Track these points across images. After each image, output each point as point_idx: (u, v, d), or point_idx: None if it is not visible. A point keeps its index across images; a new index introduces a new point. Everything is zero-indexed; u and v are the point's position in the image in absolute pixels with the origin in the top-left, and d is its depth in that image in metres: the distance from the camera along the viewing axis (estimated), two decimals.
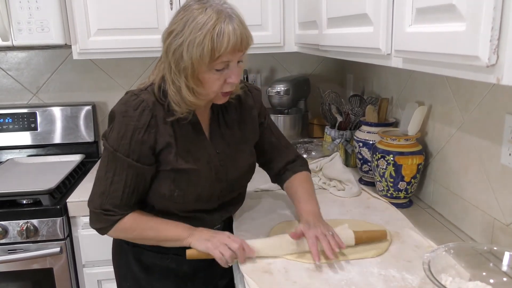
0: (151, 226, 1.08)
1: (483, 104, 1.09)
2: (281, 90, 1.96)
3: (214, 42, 0.91)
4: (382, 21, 0.91)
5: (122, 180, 1.02)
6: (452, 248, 0.90)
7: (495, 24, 0.56)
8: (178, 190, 1.06)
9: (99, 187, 1.05)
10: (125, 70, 2.17)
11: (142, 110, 1.00)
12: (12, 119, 2.06)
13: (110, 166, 1.03)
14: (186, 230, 1.08)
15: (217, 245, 1.02)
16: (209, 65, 0.95)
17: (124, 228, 1.06)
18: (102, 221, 1.05)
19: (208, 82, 0.98)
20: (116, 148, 1.01)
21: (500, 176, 1.04)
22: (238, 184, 1.20)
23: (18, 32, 1.65)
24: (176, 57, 0.95)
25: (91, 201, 1.06)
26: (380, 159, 1.35)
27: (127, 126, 1.00)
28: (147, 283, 1.18)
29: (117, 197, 1.03)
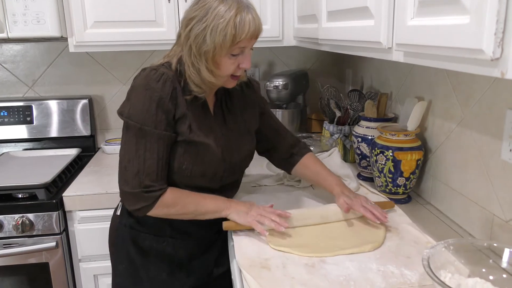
0: (191, 200, 1.11)
1: (484, 99, 1.08)
2: (279, 84, 1.95)
3: (237, 28, 1.00)
4: (383, 14, 0.89)
5: (154, 153, 1.05)
6: (451, 244, 0.90)
7: (500, 16, 0.55)
8: (186, 163, 1.10)
9: (133, 167, 1.05)
10: (122, 63, 2.15)
11: (164, 81, 1.06)
12: (7, 112, 2.04)
13: (139, 143, 1.05)
14: (223, 202, 1.14)
15: (255, 217, 1.11)
16: (228, 49, 1.03)
17: (167, 203, 1.08)
18: (144, 199, 1.06)
19: (224, 65, 1.06)
20: (143, 123, 1.04)
21: (500, 172, 1.03)
22: (238, 168, 1.26)
23: (13, 24, 1.63)
24: (198, 41, 1.03)
25: (126, 184, 1.07)
26: (379, 155, 1.35)
27: (151, 98, 1.04)
28: (142, 266, 1.19)
29: (153, 172, 1.06)
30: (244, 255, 1.05)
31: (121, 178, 1.09)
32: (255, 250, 1.07)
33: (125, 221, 1.21)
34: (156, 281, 1.19)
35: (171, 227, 1.17)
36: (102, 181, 1.69)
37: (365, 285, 0.91)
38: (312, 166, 1.34)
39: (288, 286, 0.91)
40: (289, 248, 1.06)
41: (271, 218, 1.10)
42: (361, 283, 0.92)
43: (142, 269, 1.19)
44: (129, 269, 1.21)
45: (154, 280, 1.19)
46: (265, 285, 0.92)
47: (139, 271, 1.19)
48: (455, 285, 0.81)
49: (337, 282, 0.92)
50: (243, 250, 1.07)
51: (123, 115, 1.08)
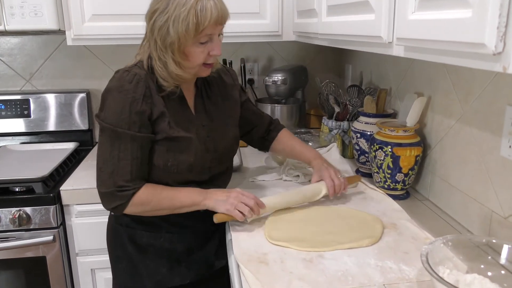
0: (166, 195, 1.11)
1: (484, 95, 1.08)
2: (278, 79, 1.94)
3: (198, 16, 0.99)
4: (384, 8, 0.89)
5: (128, 154, 1.06)
6: (450, 240, 0.90)
7: (502, 10, 0.54)
8: (171, 160, 1.11)
9: (107, 168, 1.06)
10: (120, 57, 2.13)
11: (137, 82, 1.06)
12: (4, 105, 2.02)
13: (113, 144, 1.06)
14: (199, 193, 1.13)
15: (235, 204, 1.10)
16: (194, 38, 1.02)
17: (141, 201, 1.08)
18: (117, 198, 1.07)
19: (193, 55, 1.06)
20: (116, 125, 1.05)
21: (500, 168, 1.03)
22: (226, 156, 1.26)
23: (10, 16, 1.62)
24: (162, 34, 1.02)
25: (102, 184, 1.08)
26: (378, 150, 1.34)
27: (124, 99, 1.04)
28: (141, 263, 1.19)
29: (127, 172, 1.06)
30: (242, 250, 1.05)
31: (98, 179, 1.09)
32: (253, 245, 1.07)
33: (121, 220, 1.20)
34: (157, 277, 1.19)
35: (167, 222, 1.17)
36: None
37: (363, 281, 0.91)
38: (286, 140, 1.41)
39: (286, 281, 0.91)
40: (287, 242, 1.06)
41: (245, 202, 1.10)
42: (359, 279, 0.91)
43: (142, 267, 1.19)
44: (129, 268, 1.21)
45: (155, 276, 1.19)
46: (263, 280, 0.91)
47: (138, 269, 1.19)
48: (453, 281, 0.81)
49: (335, 277, 0.92)
50: (241, 244, 1.07)
51: (99, 118, 1.08)
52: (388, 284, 0.89)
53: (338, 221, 1.17)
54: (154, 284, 1.19)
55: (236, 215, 1.09)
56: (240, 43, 2.17)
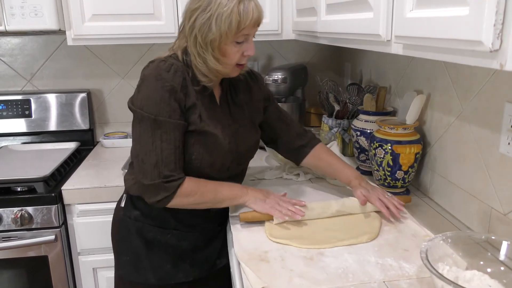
0: (209, 188, 1.13)
1: (483, 92, 1.08)
2: (278, 78, 1.94)
3: (241, 15, 1.03)
4: (382, 7, 0.89)
5: (171, 143, 1.06)
6: (449, 237, 0.90)
7: (499, 7, 0.54)
8: (196, 153, 1.12)
9: (150, 159, 1.06)
10: (121, 56, 2.14)
11: (175, 71, 1.07)
12: (5, 106, 2.03)
13: (155, 134, 1.06)
14: (240, 189, 1.17)
15: (273, 205, 1.13)
16: (233, 37, 1.05)
17: (186, 192, 1.09)
18: (164, 190, 1.07)
19: (229, 54, 1.08)
20: (157, 114, 1.05)
21: (499, 165, 1.03)
22: (244, 159, 1.27)
23: (11, 17, 1.62)
24: (204, 30, 1.04)
25: (145, 177, 1.07)
26: (378, 148, 1.35)
27: (163, 87, 1.05)
28: (146, 257, 1.20)
29: (171, 162, 1.06)
30: (243, 248, 1.05)
31: (139, 171, 1.09)
32: (253, 243, 1.07)
33: (130, 213, 1.21)
34: (160, 272, 1.20)
35: (175, 219, 1.18)
36: (101, 174, 1.69)
37: (363, 278, 0.91)
38: (324, 157, 1.34)
39: (287, 278, 0.92)
40: (288, 240, 1.06)
41: (288, 207, 1.12)
42: (359, 276, 0.92)
43: (146, 261, 1.20)
44: (133, 261, 1.21)
45: (158, 271, 1.20)
46: (264, 277, 0.92)
47: (143, 263, 1.20)
48: (453, 277, 0.82)
49: (335, 275, 0.93)
50: (241, 243, 1.08)
51: (136, 107, 1.08)
52: (388, 281, 0.90)
53: (337, 218, 1.18)
54: (157, 279, 1.20)
55: (274, 213, 1.12)
56: None
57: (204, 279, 1.25)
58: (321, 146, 1.37)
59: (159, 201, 1.08)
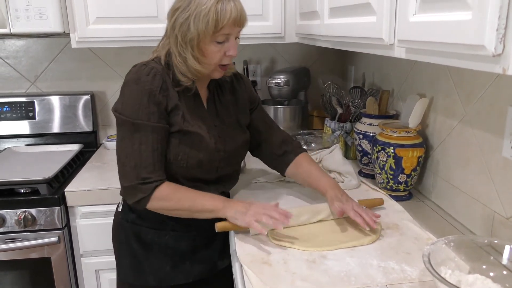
0: (188, 195, 1.11)
1: (486, 96, 1.08)
2: (281, 81, 1.95)
3: (218, 14, 1.03)
4: (386, 11, 0.89)
5: (149, 145, 1.07)
6: (452, 241, 0.90)
7: (502, 12, 0.55)
8: (182, 154, 1.12)
9: (130, 161, 1.07)
10: (124, 59, 2.15)
11: (154, 75, 1.09)
12: (10, 107, 2.04)
13: (134, 137, 1.07)
14: (221, 201, 1.12)
15: (253, 216, 1.06)
16: (212, 36, 1.06)
17: (162, 196, 1.08)
18: (140, 191, 1.07)
19: (210, 53, 1.09)
20: (135, 117, 1.07)
21: (502, 169, 1.03)
22: (234, 159, 1.26)
23: (16, 19, 1.63)
24: (183, 30, 1.06)
25: (124, 178, 1.09)
26: (380, 151, 1.35)
27: (142, 91, 1.07)
28: (145, 260, 1.21)
29: (150, 164, 1.07)
30: (245, 250, 1.05)
31: (120, 174, 1.10)
32: (256, 246, 1.07)
33: (127, 217, 1.22)
34: (160, 274, 1.20)
35: (173, 220, 1.18)
36: (104, 176, 1.70)
37: (365, 281, 0.91)
38: (305, 165, 1.29)
39: (289, 281, 0.92)
40: (290, 243, 1.06)
41: (270, 214, 1.05)
42: (361, 279, 0.92)
43: (146, 263, 1.20)
44: (133, 264, 1.22)
45: (158, 273, 1.20)
46: (266, 280, 0.92)
47: (143, 265, 1.20)
48: (456, 281, 0.82)
49: (338, 278, 0.93)
50: (244, 245, 1.08)
51: (117, 111, 1.10)
52: (391, 285, 0.90)
53: (338, 221, 1.18)
54: (157, 281, 1.20)
55: (255, 227, 1.04)
56: (243, 45, 2.17)
57: (206, 280, 1.25)
58: (304, 155, 1.33)
59: (138, 202, 1.09)
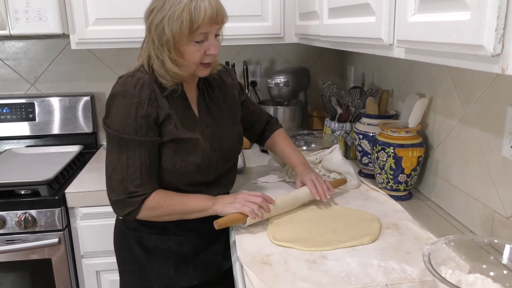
0: (176, 200, 1.12)
1: (485, 96, 1.08)
2: (280, 81, 1.95)
3: (192, 14, 1.00)
4: (385, 11, 0.89)
5: (136, 160, 1.06)
6: (452, 240, 0.90)
7: (500, 12, 0.55)
8: (179, 161, 1.12)
9: (117, 175, 1.07)
10: (124, 60, 2.15)
11: (141, 86, 1.06)
12: (9, 109, 2.04)
13: (121, 151, 1.06)
14: (209, 199, 1.14)
15: (243, 203, 1.12)
16: (188, 37, 1.03)
17: (151, 206, 1.08)
18: (129, 205, 1.07)
19: (188, 53, 1.06)
20: (122, 131, 1.05)
21: (501, 168, 1.03)
22: (231, 154, 1.27)
23: (15, 21, 1.63)
24: (158, 32, 1.04)
25: (112, 192, 1.08)
26: (380, 151, 1.35)
27: (129, 104, 1.05)
28: (149, 265, 1.20)
29: (137, 178, 1.06)
30: (246, 251, 1.05)
31: (108, 187, 1.10)
32: (256, 246, 1.07)
33: (128, 224, 1.21)
34: (164, 279, 1.20)
35: (174, 224, 1.18)
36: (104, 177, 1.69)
37: (366, 281, 0.91)
38: (279, 142, 1.43)
39: (290, 282, 0.92)
40: (291, 243, 1.06)
41: (257, 202, 1.12)
42: (362, 279, 0.92)
43: (149, 269, 1.20)
44: (136, 270, 1.21)
45: (162, 278, 1.20)
46: (267, 281, 0.92)
47: (146, 271, 1.20)
48: (456, 281, 0.82)
49: (338, 278, 0.93)
50: (244, 246, 1.08)
51: (105, 125, 1.09)
52: (391, 284, 0.90)
53: (338, 220, 1.18)
54: (161, 285, 1.20)
55: (245, 210, 1.11)
56: (243, 46, 2.18)
57: (210, 283, 1.25)
58: (279, 132, 1.47)
59: (127, 215, 1.09)
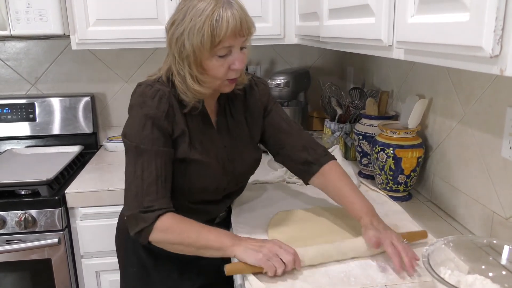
0: (192, 228, 0.99)
1: (484, 97, 1.09)
2: (281, 82, 1.95)
3: (214, 27, 0.92)
4: (384, 12, 0.90)
5: (153, 172, 0.99)
6: (451, 241, 0.90)
7: (499, 14, 0.55)
8: (187, 182, 1.06)
9: (132, 190, 0.99)
10: (124, 61, 2.16)
11: (160, 98, 1.00)
12: (10, 109, 2.04)
13: (137, 163, 0.99)
14: (229, 237, 0.99)
15: (270, 257, 0.93)
16: (211, 51, 0.95)
17: (164, 227, 0.97)
18: (142, 220, 0.97)
19: (212, 69, 0.99)
20: (139, 142, 0.99)
21: (501, 169, 1.03)
22: (243, 177, 1.21)
23: (16, 21, 1.64)
24: (178, 46, 0.97)
25: (127, 207, 1.00)
26: (380, 152, 1.35)
27: (146, 115, 0.99)
28: (153, 268, 1.20)
29: (152, 192, 0.98)
30: None
31: (124, 202, 1.01)
32: None
33: None
34: (169, 282, 1.19)
35: None
36: (104, 178, 1.70)
37: (365, 282, 0.91)
38: (334, 180, 1.14)
39: (289, 282, 0.92)
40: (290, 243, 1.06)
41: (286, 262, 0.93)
42: (361, 280, 0.92)
43: (153, 272, 1.19)
44: (140, 272, 1.21)
45: (167, 281, 1.19)
46: (266, 281, 0.92)
47: (150, 274, 1.20)
48: (455, 281, 0.82)
49: (337, 279, 0.93)
50: None
51: (124, 137, 1.03)
52: (390, 285, 0.90)
53: (338, 221, 1.18)
54: None
55: (268, 268, 0.92)
56: None
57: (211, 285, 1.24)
58: (330, 166, 1.16)
59: (139, 233, 0.98)
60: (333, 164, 1.18)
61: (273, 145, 1.22)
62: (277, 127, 1.20)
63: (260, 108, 1.20)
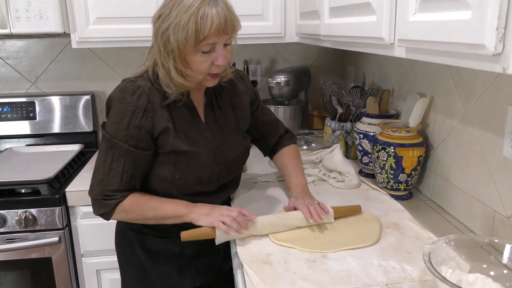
0: (150, 205, 1.09)
1: (486, 95, 1.08)
2: (281, 81, 1.95)
3: (198, 24, 0.94)
4: (386, 10, 0.89)
5: (120, 166, 1.04)
6: (452, 240, 0.90)
7: (501, 12, 0.55)
8: (179, 173, 1.09)
9: (98, 175, 1.07)
10: (124, 59, 2.15)
11: (139, 96, 1.03)
12: (10, 108, 2.04)
13: (108, 153, 1.05)
14: (185, 206, 1.10)
15: (217, 217, 1.06)
16: (195, 47, 0.98)
17: (124, 209, 1.07)
18: (103, 206, 1.07)
19: (195, 64, 1.01)
20: (113, 135, 1.04)
21: (502, 168, 1.03)
22: (234, 166, 1.23)
23: (16, 20, 1.63)
24: (164, 40, 0.99)
25: (91, 190, 1.08)
26: (381, 151, 1.35)
27: (124, 112, 1.03)
28: (151, 267, 1.20)
29: (115, 183, 1.05)
30: (246, 250, 1.05)
31: (90, 183, 1.09)
32: (256, 246, 1.07)
33: (132, 225, 1.20)
34: (168, 281, 1.20)
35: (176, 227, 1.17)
36: None
37: (366, 280, 0.91)
38: (284, 159, 1.35)
39: (290, 281, 0.92)
40: (291, 243, 1.06)
41: (233, 216, 1.06)
42: (362, 278, 0.92)
43: (153, 271, 1.20)
44: (140, 272, 1.21)
45: (166, 280, 1.20)
46: (267, 280, 0.92)
47: (149, 273, 1.20)
48: (456, 280, 0.82)
49: (338, 277, 0.93)
50: (244, 245, 1.08)
51: (102, 125, 1.08)
52: (391, 284, 0.90)
53: (339, 221, 1.18)
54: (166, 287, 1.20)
55: (218, 225, 1.04)
56: (243, 45, 2.18)
57: (211, 284, 1.25)
58: (289, 148, 1.38)
59: (101, 215, 1.09)
60: (291, 147, 1.39)
61: (256, 134, 1.35)
62: (262, 121, 1.35)
63: (246, 100, 1.26)
